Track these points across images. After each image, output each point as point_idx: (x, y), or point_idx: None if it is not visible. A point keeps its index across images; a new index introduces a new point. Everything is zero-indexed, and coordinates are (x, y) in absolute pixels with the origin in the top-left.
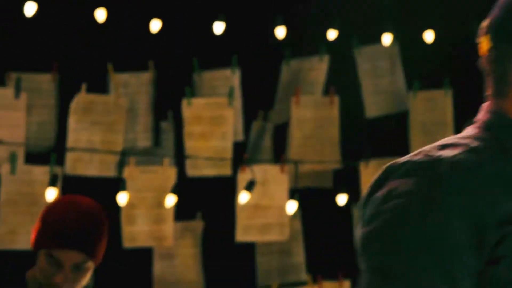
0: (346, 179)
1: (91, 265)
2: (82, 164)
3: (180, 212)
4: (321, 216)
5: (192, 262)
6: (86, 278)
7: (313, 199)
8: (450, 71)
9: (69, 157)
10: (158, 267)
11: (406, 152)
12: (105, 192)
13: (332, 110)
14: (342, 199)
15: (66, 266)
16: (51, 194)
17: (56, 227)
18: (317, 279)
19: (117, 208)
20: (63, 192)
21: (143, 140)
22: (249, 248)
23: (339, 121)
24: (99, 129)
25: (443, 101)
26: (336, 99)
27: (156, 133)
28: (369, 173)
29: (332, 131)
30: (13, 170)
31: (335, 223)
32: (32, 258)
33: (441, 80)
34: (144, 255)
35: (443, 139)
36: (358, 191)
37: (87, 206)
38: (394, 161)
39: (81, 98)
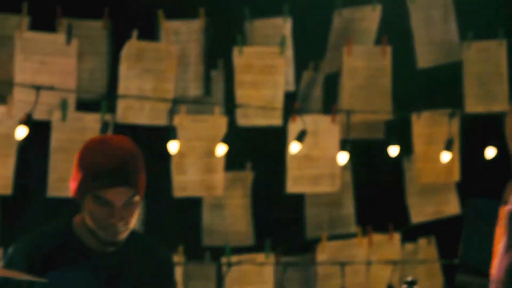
0: (398, 130)
1: (138, 199)
2: (133, 112)
3: (230, 162)
4: (371, 168)
5: (242, 213)
6: (137, 214)
7: (364, 150)
8: (505, 21)
9: (120, 104)
10: (208, 217)
11: (460, 103)
12: (155, 141)
13: (384, 60)
14: (393, 150)
15: (117, 205)
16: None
17: (96, 169)
18: (367, 231)
19: (167, 157)
20: None
21: (194, 89)
22: (299, 199)
23: (391, 71)
24: (150, 76)
25: (497, 51)
26: (389, 49)
27: (207, 81)
28: (421, 125)
29: (384, 81)
30: (64, 117)
31: (386, 175)
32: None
33: (495, 30)
34: (194, 205)
35: None
36: (410, 143)
37: (119, 142)
38: None
39: (132, 45)
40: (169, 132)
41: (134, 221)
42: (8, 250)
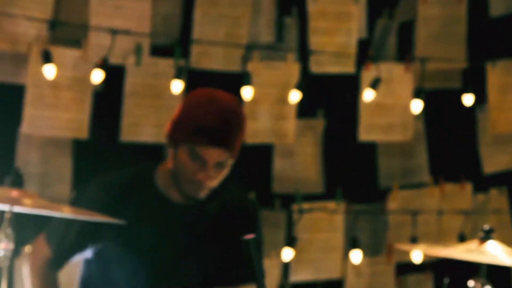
0: (473, 79)
1: (230, 162)
2: (207, 57)
3: (302, 109)
4: (444, 117)
5: (312, 160)
6: (224, 174)
7: (437, 99)
8: None
9: (195, 50)
10: (278, 164)
11: None
12: (228, 87)
13: (460, 8)
14: (468, 99)
15: (210, 163)
16: (176, 87)
17: (201, 124)
18: (439, 181)
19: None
20: (188, 85)
21: (266, 35)
22: (371, 148)
23: (466, 19)
24: (224, 22)
25: None
26: None
27: (279, 28)
28: (497, 74)
29: (460, 29)
30: (138, 62)
31: (459, 124)
32: (154, 150)
33: None
34: (265, 152)
35: None
36: (484, 92)
37: (229, 103)
38: None
39: None
40: (243, 78)
41: (221, 179)
42: (82, 190)
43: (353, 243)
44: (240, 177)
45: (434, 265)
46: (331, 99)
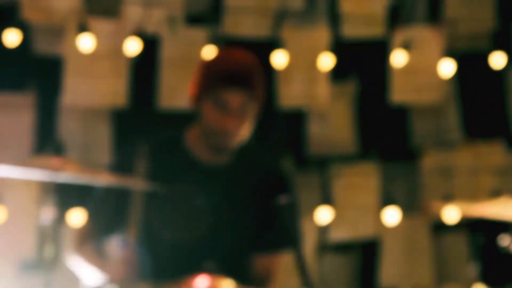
0: (503, 40)
1: (253, 107)
2: (239, 24)
3: (334, 73)
4: (476, 78)
5: (346, 123)
6: (250, 123)
7: (467, 60)
8: None
9: (227, 17)
10: (313, 127)
11: None
12: (261, 52)
13: None
14: (498, 60)
15: (233, 106)
16: (210, 54)
17: (216, 71)
18: (472, 140)
19: (273, 68)
20: None
21: (297, 1)
22: (403, 109)
23: None
24: None
25: None
26: None
27: None
28: None
29: None
30: (172, 31)
31: (490, 85)
32: (191, 118)
33: None
34: (299, 115)
35: None
36: None
37: (240, 52)
38: None
39: None
40: (275, 44)
41: (247, 129)
42: (115, 157)
43: (388, 202)
44: (275, 140)
45: (469, 224)
46: (362, 62)
